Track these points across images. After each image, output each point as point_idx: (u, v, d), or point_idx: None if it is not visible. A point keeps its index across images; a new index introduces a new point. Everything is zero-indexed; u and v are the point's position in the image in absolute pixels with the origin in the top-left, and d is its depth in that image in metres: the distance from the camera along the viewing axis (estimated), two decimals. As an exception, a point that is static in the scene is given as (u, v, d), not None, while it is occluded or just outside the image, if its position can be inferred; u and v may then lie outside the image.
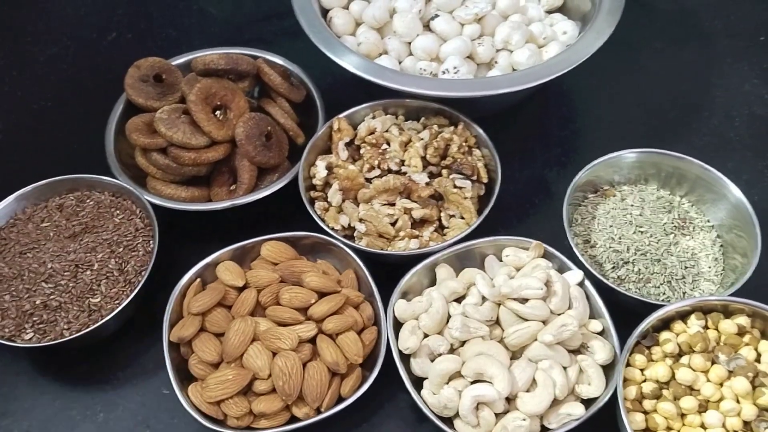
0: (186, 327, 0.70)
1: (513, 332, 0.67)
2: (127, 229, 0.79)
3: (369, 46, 0.88)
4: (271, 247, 0.76)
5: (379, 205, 0.78)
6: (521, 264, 0.73)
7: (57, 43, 1.09)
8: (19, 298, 0.74)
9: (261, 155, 0.82)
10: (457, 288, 0.71)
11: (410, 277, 0.73)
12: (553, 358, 0.66)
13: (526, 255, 0.74)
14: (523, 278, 0.69)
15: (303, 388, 0.67)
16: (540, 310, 0.67)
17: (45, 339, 0.72)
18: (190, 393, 0.68)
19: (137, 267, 0.76)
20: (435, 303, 0.69)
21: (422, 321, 0.69)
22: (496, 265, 0.74)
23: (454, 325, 0.67)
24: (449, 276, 0.74)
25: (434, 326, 0.69)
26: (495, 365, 0.64)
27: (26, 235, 0.79)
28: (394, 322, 0.71)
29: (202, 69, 0.84)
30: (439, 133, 0.82)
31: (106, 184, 0.82)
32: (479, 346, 0.67)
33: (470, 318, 0.68)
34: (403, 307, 0.71)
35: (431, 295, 0.70)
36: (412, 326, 0.70)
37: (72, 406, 0.74)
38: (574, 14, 0.94)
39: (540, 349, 0.66)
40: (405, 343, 0.69)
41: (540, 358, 0.66)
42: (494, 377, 0.64)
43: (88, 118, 0.97)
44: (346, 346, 0.69)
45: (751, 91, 0.98)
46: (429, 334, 0.70)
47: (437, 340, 0.68)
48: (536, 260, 0.73)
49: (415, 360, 0.69)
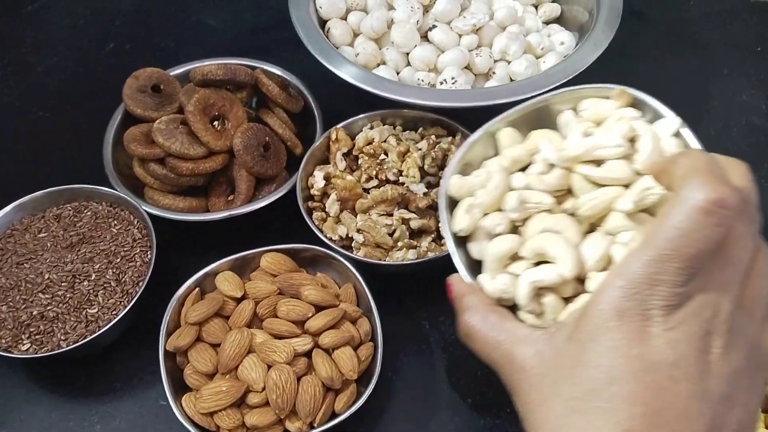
0: (182, 336, 0.70)
1: (585, 201, 0.54)
2: (124, 239, 0.79)
3: (367, 57, 0.88)
4: (270, 258, 0.76)
5: (376, 215, 0.78)
6: (603, 117, 0.59)
7: (55, 54, 1.09)
8: (15, 309, 0.73)
9: (259, 165, 0.82)
10: (520, 155, 0.58)
11: (469, 148, 0.62)
12: (636, 229, 0.52)
13: (610, 106, 0.59)
14: (598, 135, 0.56)
15: (296, 402, 0.66)
16: (618, 173, 0.53)
17: (42, 350, 0.71)
18: (184, 403, 0.68)
19: (135, 277, 0.76)
20: (494, 176, 0.57)
21: (478, 198, 0.57)
22: (573, 123, 0.60)
23: (508, 204, 0.56)
24: (514, 142, 0.61)
25: (493, 203, 0.57)
26: (558, 243, 0.52)
27: (23, 245, 0.78)
28: (449, 202, 0.60)
29: (200, 79, 0.84)
30: (437, 144, 0.82)
31: (103, 194, 0.82)
32: (544, 221, 0.54)
33: (533, 191, 0.56)
34: (459, 184, 0.59)
35: (489, 167, 0.59)
36: (468, 204, 0.58)
37: (69, 417, 0.74)
38: (572, 25, 0.95)
39: (619, 219, 0.52)
40: (458, 224, 0.58)
41: (619, 230, 0.53)
42: (557, 257, 0.51)
43: (86, 128, 0.98)
44: (342, 362, 0.68)
45: (748, 101, 0.99)
46: (488, 212, 0.58)
47: (494, 219, 0.56)
48: (621, 111, 0.59)
49: (472, 244, 0.58)
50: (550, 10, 0.95)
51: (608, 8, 0.88)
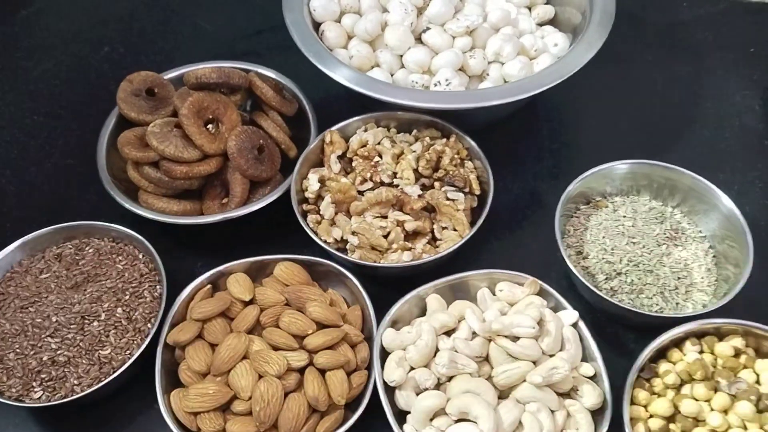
0: (184, 331, 0.70)
1: (502, 372, 0.65)
2: (131, 275, 0.76)
3: (361, 59, 0.88)
4: (285, 267, 0.75)
5: (371, 217, 0.78)
6: (515, 300, 0.71)
7: (49, 58, 1.09)
8: (24, 356, 0.70)
9: (253, 168, 0.82)
10: (447, 321, 0.69)
11: (400, 306, 0.71)
12: (541, 400, 0.64)
13: (521, 291, 0.72)
14: (516, 315, 0.67)
15: (279, 418, 0.65)
16: (531, 350, 0.65)
17: (55, 397, 0.69)
18: (172, 398, 0.67)
19: (146, 314, 0.74)
20: (424, 335, 0.67)
21: (409, 353, 0.67)
22: (488, 299, 0.72)
23: (440, 361, 0.65)
24: (440, 307, 0.72)
25: (421, 359, 0.67)
26: (481, 404, 0.62)
27: (25, 288, 0.76)
28: (381, 351, 0.69)
29: (194, 82, 0.84)
30: (431, 146, 0.82)
31: (104, 229, 0.80)
32: (466, 383, 0.65)
33: (459, 353, 0.66)
34: (392, 337, 0.69)
35: (421, 326, 0.68)
36: (398, 357, 0.68)
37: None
38: (565, 27, 0.95)
39: (529, 390, 0.64)
40: (391, 375, 0.66)
41: (528, 399, 0.64)
42: (479, 417, 0.62)
43: (80, 132, 0.98)
44: (332, 385, 0.67)
45: (741, 102, 0.99)
46: (415, 367, 0.67)
47: (423, 374, 0.66)
48: (530, 297, 0.71)
49: (400, 393, 0.67)
50: (543, 12, 0.95)
51: (601, 10, 0.88)
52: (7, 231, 0.84)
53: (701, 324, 0.68)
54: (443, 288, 0.73)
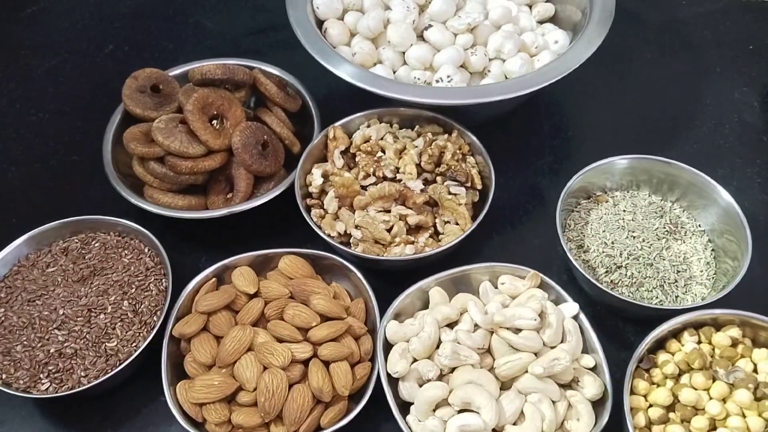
0: (189, 324, 0.71)
1: (504, 363, 0.66)
2: (137, 269, 0.77)
3: (364, 56, 0.89)
4: (289, 261, 0.76)
5: (374, 211, 0.79)
6: (516, 293, 0.73)
7: (55, 56, 1.10)
8: (31, 348, 0.71)
9: (257, 164, 0.82)
10: (450, 313, 0.70)
11: (403, 299, 0.72)
12: (542, 391, 0.65)
13: (522, 284, 0.73)
14: (517, 308, 0.68)
15: (284, 408, 0.66)
16: (532, 342, 0.67)
17: (63, 388, 0.70)
18: (178, 390, 0.68)
19: (152, 306, 0.75)
20: (427, 327, 0.68)
21: (412, 345, 0.68)
22: (490, 292, 0.73)
23: (443, 352, 0.66)
24: (442, 300, 0.73)
25: (424, 351, 0.68)
26: (483, 395, 0.63)
27: (32, 281, 0.77)
28: (385, 343, 0.70)
29: (199, 79, 0.85)
30: (433, 141, 0.83)
31: (110, 224, 0.81)
32: (469, 374, 0.66)
33: (461, 345, 0.67)
34: (395, 329, 0.70)
35: (424, 318, 0.69)
36: (402, 349, 0.69)
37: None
38: (566, 24, 0.96)
39: (530, 381, 0.66)
40: (394, 366, 0.68)
41: (529, 390, 0.66)
42: (481, 407, 0.63)
43: (85, 129, 0.99)
44: (336, 376, 0.68)
45: (740, 99, 1.00)
46: (418, 358, 0.68)
47: (426, 366, 0.67)
48: (532, 290, 0.72)
49: (404, 384, 0.68)
50: (544, 10, 0.96)
51: (601, 8, 0.89)
52: (13, 226, 0.84)
53: (699, 315, 0.69)
54: (445, 281, 0.74)
